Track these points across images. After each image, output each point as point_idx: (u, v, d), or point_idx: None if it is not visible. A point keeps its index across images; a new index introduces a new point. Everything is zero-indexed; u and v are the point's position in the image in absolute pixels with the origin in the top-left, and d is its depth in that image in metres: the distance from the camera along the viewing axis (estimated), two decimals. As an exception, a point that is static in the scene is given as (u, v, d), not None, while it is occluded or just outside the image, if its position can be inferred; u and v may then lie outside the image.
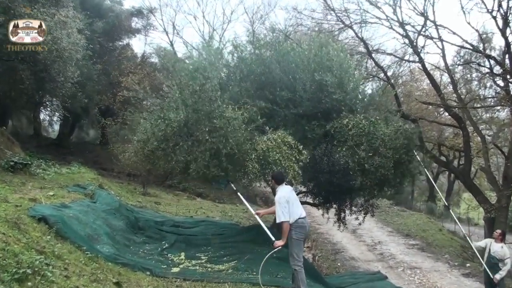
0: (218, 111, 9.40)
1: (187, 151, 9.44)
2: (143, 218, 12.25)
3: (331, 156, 11.06)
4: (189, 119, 9.67)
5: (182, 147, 9.51)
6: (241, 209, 20.73)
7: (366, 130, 10.85)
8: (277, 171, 8.60)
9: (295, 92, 11.24)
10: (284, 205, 7.51)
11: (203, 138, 9.26)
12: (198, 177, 9.82)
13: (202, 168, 9.20)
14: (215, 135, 9.24)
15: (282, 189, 7.79)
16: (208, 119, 9.42)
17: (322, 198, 12.73)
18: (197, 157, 9.23)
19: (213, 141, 9.18)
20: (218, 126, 9.31)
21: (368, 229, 19.59)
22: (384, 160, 10.60)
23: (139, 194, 18.31)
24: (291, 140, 10.18)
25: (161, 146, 9.81)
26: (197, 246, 10.71)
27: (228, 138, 9.23)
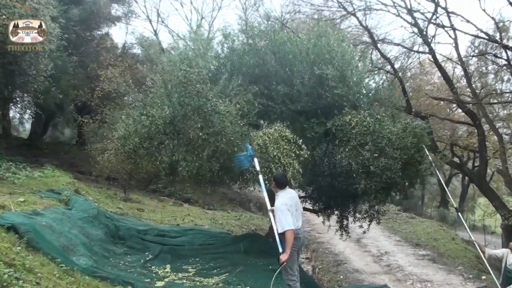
0: (210, 105, 9.40)
1: (173, 151, 9.44)
2: (124, 226, 12.23)
3: (333, 157, 11.08)
4: (175, 115, 9.67)
5: (167, 146, 9.51)
6: (232, 216, 20.74)
7: (371, 128, 10.89)
8: (279, 173, 8.45)
9: (292, 86, 11.26)
10: (286, 213, 7.42)
11: (195, 136, 9.25)
12: (189, 178, 9.80)
13: (194, 168, 9.19)
14: (209, 132, 9.24)
15: (284, 195, 7.70)
16: (197, 114, 9.42)
17: (322, 204, 12.80)
18: (185, 156, 9.23)
19: (207, 138, 9.18)
20: (212, 122, 9.31)
21: (374, 238, 19.61)
22: (391, 161, 10.64)
23: (120, 199, 18.26)
24: (290, 134, 10.18)
25: (144, 144, 9.81)
26: (184, 257, 10.71)
27: (223, 135, 9.26)
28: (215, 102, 9.53)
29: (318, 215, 13.73)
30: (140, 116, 10.16)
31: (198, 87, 9.56)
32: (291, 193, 7.90)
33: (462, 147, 25.90)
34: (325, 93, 11.18)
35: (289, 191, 7.88)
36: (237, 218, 20.57)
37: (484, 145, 17.81)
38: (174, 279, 9.02)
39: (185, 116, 9.63)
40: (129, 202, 18.22)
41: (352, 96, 11.32)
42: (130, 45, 29.27)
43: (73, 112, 26.15)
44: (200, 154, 9.28)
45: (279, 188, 7.81)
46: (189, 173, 9.43)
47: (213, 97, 9.68)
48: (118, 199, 18.20)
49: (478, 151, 19.60)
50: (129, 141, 10.22)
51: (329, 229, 14.29)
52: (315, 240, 18.88)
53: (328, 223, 13.72)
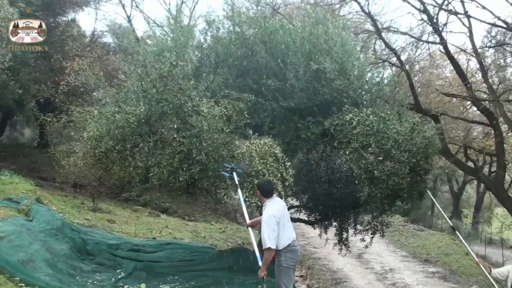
0: (192, 104, 9.39)
1: (148, 154, 9.42)
2: (92, 240, 12.21)
3: (331, 161, 11.12)
4: (152, 114, 9.66)
5: (142, 149, 9.50)
6: (216, 228, 20.72)
7: (374, 128, 10.94)
8: (264, 180, 8.51)
9: (285, 80, 11.31)
10: (273, 228, 7.41)
11: (170, 137, 9.25)
12: (160, 186, 9.80)
13: (166, 175, 9.18)
14: (186, 134, 9.24)
15: (271, 205, 7.70)
16: (176, 114, 9.41)
17: (319, 214, 12.83)
18: (160, 161, 9.22)
19: (183, 141, 9.17)
20: (190, 124, 9.31)
21: (377, 253, 19.67)
22: (397, 165, 10.68)
23: (88, 210, 18.20)
24: (279, 152, 10.26)
25: (117, 147, 9.79)
26: (161, 275, 10.69)
27: (202, 140, 9.23)
28: (197, 102, 9.52)
29: (314, 227, 13.77)
30: (114, 115, 10.13)
31: (181, 83, 9.55)
32: (280, 202, 7.93)
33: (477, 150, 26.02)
34: (323, 89, 11.23)
35: (277, 200, 7.92)
36: (222, 230, 20.55)
37: (502, 147, 17.90)
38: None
39: (163, 115, 9.62)
40: (99, 213, 18.13)
41: (353, 92, 11.37)
42: (100, 33, 29.19)
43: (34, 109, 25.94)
44: (171, 159, 9.28)
45: (264, 197, 7.84)
46: (160, 181, 9.41)
47: (196, 95, 9.68)
48: (85, 209, 18.09)
49: (495, 154, 19.72)
50: (101, 144, 10.21)
51: (326, 243, 14.29)
52: (311, 256, 18.88)
53: (325, 236, 13.73)
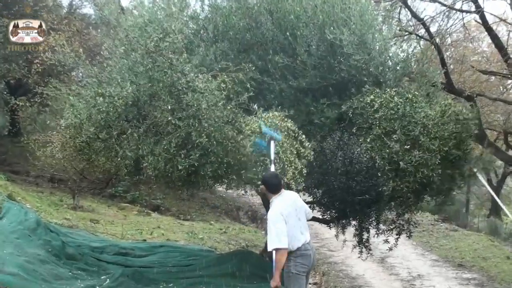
0: (186, 80, 9.38)
1: (138, 142, 9.40)
2: (73, 242, 12.28)
3: (349, 150, 11.11)
4: (141, 95, 9.64)
5: (130, 136, 9.48)
6: (216, 228, 20.77)
7: (400, 111, 10.90)
8: (269, 174, 8.45)
9: (295, 56, 11.28)
10: (281, 226, 7.41)
11: (163, 120, 9.23)
12: (156, 177, 9.79)
13: (162, 164, 9.17)
14: (182, 115, 9.23)
15: (279, 201, 7.71)
16: (169, 93, 9.40)
17: (335, 212, 12.84)
18: (154, 149, 9.20)
19: (179, 124, 9.16)
20: (186, 103, 9.32)
21: (403, 256, 19.65)
22: (426, 155, 10.63)
23: (68, 208, 18.28)
24: (292, 125, 10.20)
25: (101, 135, 9.78)
26: (153, 282, 10.73)
27: (201, 120, 9.25)
28: (191, 77, 9.51)
29: (330, 226, 13.80)
30: (95, 98, 10.12)
31: (171, 58, 9.53)
32: (290, 197, 7.92)
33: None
34: (339, 65, 11.19)
35: (287, 195, 7.90)
36: (223, 231, 20.64)
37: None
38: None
39: (153, 95, 9.61)
40: (80, 211, 18.20)
41: (374, 69, 11.32)
42: (79, 3, 29.09)
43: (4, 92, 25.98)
44: (167, 145, 9.29)
45: (271, 192, 7.85)
46: (156, 171, 9.42)
47: (190, 71, 9.67)
48: (65, 207, 18.18)
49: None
50: (81, 132, 10.21)
51: (344, 245, 14.26)
52: (326, 260, 18.85)
53: (343, 237, 13.75)
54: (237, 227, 22.84)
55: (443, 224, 28.55)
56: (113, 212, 20.30)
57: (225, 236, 19.40)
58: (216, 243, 17.38)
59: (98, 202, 21.40)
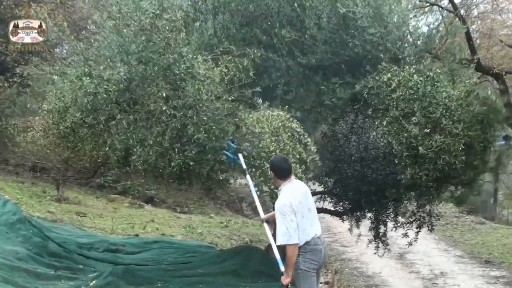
0: (184, 65, 9.32)
1: (128, 130, 9.36)
2: (58, 238, 12.22)
3: (364, 134, 11.10)
4: (133, 78, 9.60)
5: (120, 122, 9.44)
6: (217, 222, 20.78)
7: (420, 91, 10.78)
8: (278, 157, 8.39)
9: (304, 30, 11.22)
10: (291, 218, 7.33)
11: (157, 109, 9.19)
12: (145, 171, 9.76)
13: (153, 157, 9.14)
14: (178, 104, 9.21)
15: (288, 190, 7.62)
16: (164, 77, 9.35)
17: (349, 203, 12.86)
18: (145, 138, 9.16)
19: (174, 114, 9.12)
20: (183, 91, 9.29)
21: (424, 252, 19.63)
22: (449, 139, 10.56)
23: (51, 200, 18.30)
24: (297, 126, 10.21)
25: (87, 120, 9.75)
26: (147, 282, 10.65)
27: (199, 112, 9.20)
28: (191, 61, 9.44)
29: (343, 219, 13.77)
30: (81, 79, 10.08)
31: (169, 37, 9.47)
32: (300, 186, 7.87)
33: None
34: (352, 40, 11.12)
35: (296, 184, 7.83)
36: (224, 225, 20.72)
37: None
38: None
39: (146, 78, 9.54)
40: (65, 204, 18.23)
41: (391, 45, 11.26)
42: (64, -30, 29.03)
43: (-21, 72, 26.00)
44: (160, 137, 9.23)
45: (280, 178, 7.75)
46: (146, 165, 9.39)
47: (189, 52, 9.60)
48: (48, 199, 18.20)
49: None
50: (66, 117, 10.16)
51: (358, 239, 14.32)
52: (339, 257, 18.87)
53: (357, 231, 13.78)
54: (240, 221, 22.88)
55: (468, 216, 28.41)
56: (101, 204, 20.29)
57: (226, 231, 19.43)
58: (217, 238, 17.41)
59: (85, 194, 21.39)
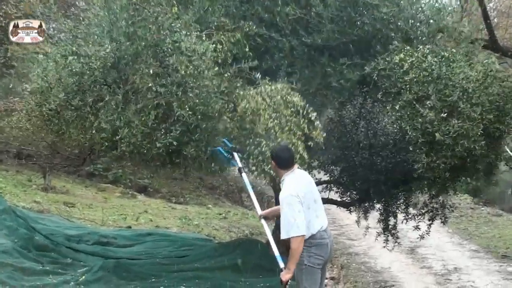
0: (171, 40, 9.27)
1: (116, 111, 9.31)
2: (44, 230, 12.24)
3: (373, 120, 11.06)
4: (121, 55, 9.54)
5: (108, 104, 9.40)
6: (215, 213, 20.81)
7: (435, 72, 10.69)
8: (280, 146, 8.33)
9: (309, 7, 11.14)
10: (298, 209, 7.27)
11: (144, 86, 9.14)
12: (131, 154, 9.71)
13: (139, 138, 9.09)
14: (166, 82, 9.16)
15: (291, 179, 7.56)
16: (153, 54, 9.30)
17: (356, 193, 12.88)
18: (131, 119, 9.11)
19: (160, 91, 9.07)
20: (172, 68, 9.22)
21: (437, 246, 19.61)
22: (467, 124, 10.47)
23: (37, 189, 18.35)
24: (298, 100, 10.09)
25: (73, 102, 9.69)
26: (140, 276, 10.68)
27: (186, 88, 9.15)
28: (179, 36, 9.38)
29: (350, 210, 13.81)
30: (66, 57, 9.98)
31: (158, 11, 9.42)
32: (303, 176, 7.81)
33: None
34: (361, 18, 11.07)
35: (300, 174, 7.77)
36: (223, 216, 20.74)
37: None
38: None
39: (136, 56, 9.49)
40: (52, 193, 18.27)
41: (404, 23, 11.21)
42: None
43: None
44: (146, 117, 9.16)
45: (282, 168, 7.67)
46: (131, 146, 9.30)
47: (180, 28, 9.54)
48: (34, 188, 18.27)
49: None
50: (49, 98, 10.13)
51: (366, 232, 14.34)
52: (345, 251, 18.88)
53: (365, 224, 13.82)
54: (240, 212, 22.90)
55: (484, 208, 28.26)
56: (91, 194, 20.31)
57: (225, 222, 19.46)
58: (215, 230, 17.45)
59: (73, 182, 21.42)
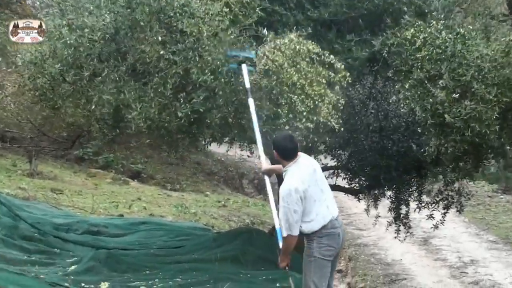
0: (178, 4, 9.20)
1: (120, 85, 9.26)
2: (30, 218, 12.28)
3: (383, 100, 11.02)
4: (120, 27, 9.48)
5: (107, 77, 9.34)
6: (214, 201, 20.86)
7: (448, 50, 10.61)
8: (282, 135, 8.16)
9: (316, -22, 11.10)
10: (294, 209, 7.18)
11: (154, 56, 9.08)
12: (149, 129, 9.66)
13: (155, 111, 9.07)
14: (177, 48, 9.12)
15: (293, 171, 7.45)
16: (158, 21, 9.25)
17: (365, 180, 12.81)
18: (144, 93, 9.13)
19: (174, 59, 9.05)
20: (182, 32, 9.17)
21: (452, 237, 19.62)
22: (481, 106, 10.40)
23: (23, 174, 18.49)
24: (314, 47, 9.92)
25: (68, 77, 9.65)
26: (132, 268, 10.68)
27: (202, 53, 9.11)
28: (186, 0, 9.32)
29: (359, 198, 13.78)
30: (60, 28, 9.90)
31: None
32: (308, 163, 7.71)
33: None
34: (370, -10, 11.04)
35: (304, 161, 7.65)
36: (222, 204, 20.79)
37: None
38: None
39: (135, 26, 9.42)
40: (39, 179, 18.36)
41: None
42: None
43: None
44: (161, 87, 9.11)
45: (285, 159, 7.59)
46: (149, 121, 9.24)
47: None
48: (19, 174, 18.42)
49: None
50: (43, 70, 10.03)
51: (376, 222, 14.31)
52: (354, 242, 18.91)
53: (374, 213, 13.78)
54: (240, 199, 22.94)
55: (503, 196, 28.00)
56: (80, 179, 20.44)
57: (224, 211, 19.47)
58: (213, 219, 17.45)
59: (61, 167, 21.58)
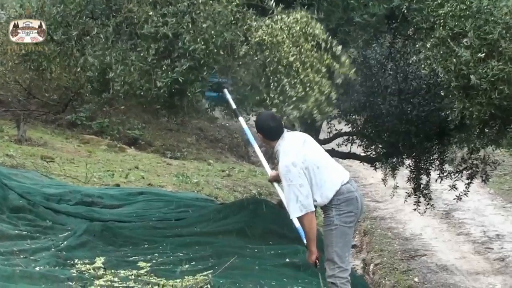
0: None
1: (106, 47, 9.35)
2: (19, 188, 12.34)
3: (403, 60, 11.04)
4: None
5: (96, 37, 9.45)
6: (217, 170, 20.85)
7: (474, 6, 10.63)
8: (264, 115, 8.32)
9: None
10: (299, 183, 7.26)
11: (142, 16, 9.14)
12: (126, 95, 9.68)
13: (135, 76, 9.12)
14: (168, 11, 9.19)
15: (284, 148, 7.57)
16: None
17: (383, 147, 12.91)
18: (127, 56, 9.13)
19: (166, 21, 9.09)
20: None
21: (476, 209, 19.65)
22: (509, 67, 10.42)
23: (10, 140, 18.56)
24: (321, 32, 10.01)
25: (56, 36, 9.75)
26: (130, 242, 10.74)
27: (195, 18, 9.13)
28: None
29: (375, 167, 13.86)
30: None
31: None
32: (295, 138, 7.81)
33: None
34: None
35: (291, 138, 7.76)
36: (226, 173, 20.83)
37: None
38: (113, 283, 8.85)
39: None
40: (28, 145, 18.39)
41: None
42: None
43: None
44: (144, 52, 9.13)
45: (270, 139, 7.74)
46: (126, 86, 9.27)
47: None
48: (6, 140, 18.49)
49: None
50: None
51: (394, 193, 14.42)
52: (369, 214, 18.98)
53: (392, 183, 13.92)
54: (246, 169, 23.01)
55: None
56: (73, 146, 20.45)
57: (229, 181, 19.58)
58: (217, 190, 17.55)
59: (52, 133, 21.57)
